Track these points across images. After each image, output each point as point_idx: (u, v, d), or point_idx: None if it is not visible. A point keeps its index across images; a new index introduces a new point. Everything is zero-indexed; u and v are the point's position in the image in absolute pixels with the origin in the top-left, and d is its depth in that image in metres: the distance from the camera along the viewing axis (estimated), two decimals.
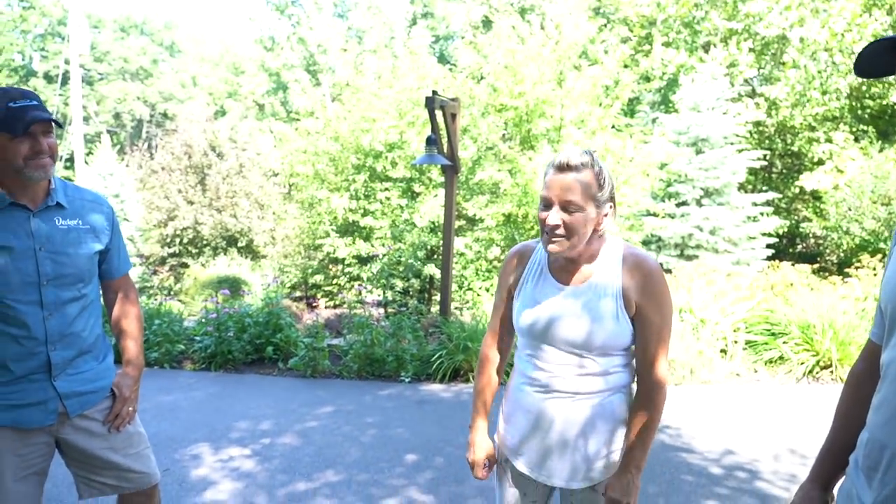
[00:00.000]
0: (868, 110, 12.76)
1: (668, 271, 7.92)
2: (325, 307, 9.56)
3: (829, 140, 12.35)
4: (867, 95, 12.38)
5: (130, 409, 2.04)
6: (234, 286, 9.43)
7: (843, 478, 1.23)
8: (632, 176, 8.34)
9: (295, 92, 10.26)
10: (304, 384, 5.29)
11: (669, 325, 1.59)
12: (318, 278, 9.94)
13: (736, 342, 5.62)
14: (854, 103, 12.59)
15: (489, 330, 1.82)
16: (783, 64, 12.24)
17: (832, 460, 1.30)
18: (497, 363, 1.81)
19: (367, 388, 5.19)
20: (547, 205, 1.51)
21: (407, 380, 5.37)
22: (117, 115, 34.03)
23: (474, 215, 8.24)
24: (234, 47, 33.64)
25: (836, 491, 1.27)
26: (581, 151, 1.51)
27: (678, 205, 9.64)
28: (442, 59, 18.15)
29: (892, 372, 1.04)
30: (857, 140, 12.58)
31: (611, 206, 1.55)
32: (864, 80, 11.52)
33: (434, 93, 4.95)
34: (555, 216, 1.49)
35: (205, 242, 12.28)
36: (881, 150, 11.29)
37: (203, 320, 6.07)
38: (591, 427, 1.60)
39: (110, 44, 34.42)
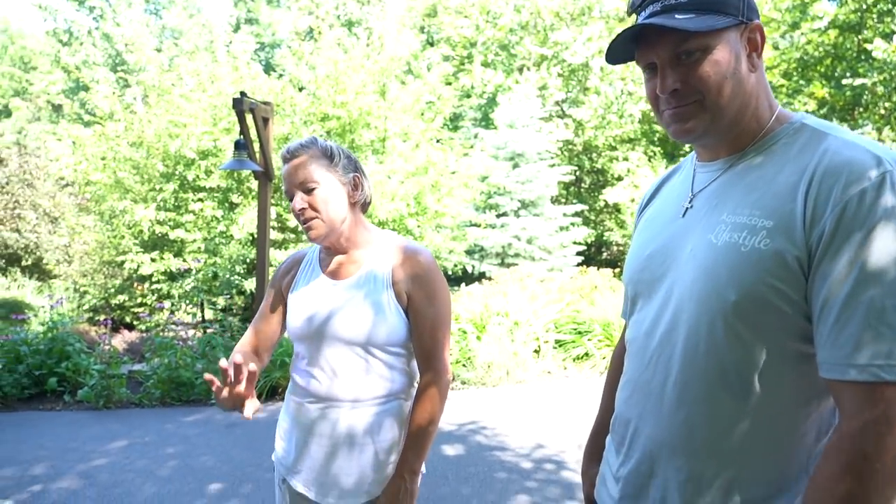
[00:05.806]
0: (657, 134, 14.52)
1: (489, 278, 8.26)
2: (136, 330, 8.62)
3: (626, 159, 13.82)
4: (656, 121, 14.11)
5: None
6: (13, 311, 8.14)
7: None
8: (454, 188, 8.61)
9: (96, 92, 9.17)
10: (94, 417, 4.65)
11: (446, 317, 1.57)
12: (123, 298, 8.94)
13: (547, 342, 5.98)
14: (646, 127, 14.24)
15: (251, 327, 1.67)
16: (587, 89, 13.50)
17: (598, 439, 1.35)
18: (254, 349, 1.65)
19: (171, 416, 4.70)
20: (290, 196, 1.51)
21: None
22: None
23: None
24: (21, 39, 29.39)
25: None
26: (302, 139, 1.53)
27: (498, 216, 10.14)
28: (269, 67, 17.44)
29: (633, 349, 1.08)
30: (649, 160, 14.23)
31: (355, 175, 1.54)
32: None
33: (242, 94, 4.66)
34: (299, 200, 1.48)
35: None
36: (667, 168, 12.90)
37: None
38: (377, 429, 1.52)
39: None
